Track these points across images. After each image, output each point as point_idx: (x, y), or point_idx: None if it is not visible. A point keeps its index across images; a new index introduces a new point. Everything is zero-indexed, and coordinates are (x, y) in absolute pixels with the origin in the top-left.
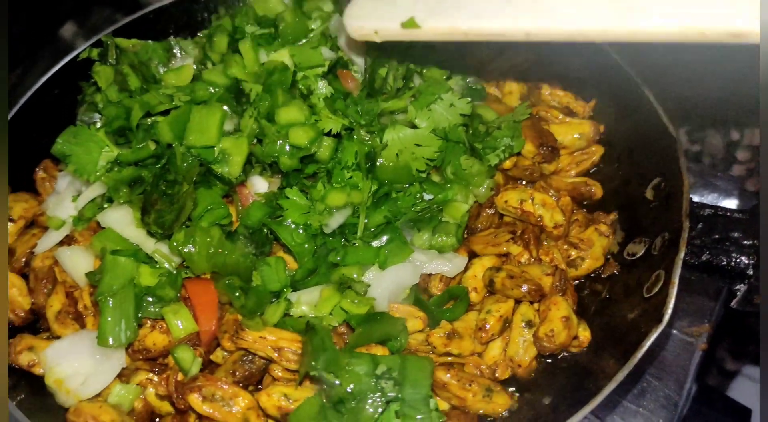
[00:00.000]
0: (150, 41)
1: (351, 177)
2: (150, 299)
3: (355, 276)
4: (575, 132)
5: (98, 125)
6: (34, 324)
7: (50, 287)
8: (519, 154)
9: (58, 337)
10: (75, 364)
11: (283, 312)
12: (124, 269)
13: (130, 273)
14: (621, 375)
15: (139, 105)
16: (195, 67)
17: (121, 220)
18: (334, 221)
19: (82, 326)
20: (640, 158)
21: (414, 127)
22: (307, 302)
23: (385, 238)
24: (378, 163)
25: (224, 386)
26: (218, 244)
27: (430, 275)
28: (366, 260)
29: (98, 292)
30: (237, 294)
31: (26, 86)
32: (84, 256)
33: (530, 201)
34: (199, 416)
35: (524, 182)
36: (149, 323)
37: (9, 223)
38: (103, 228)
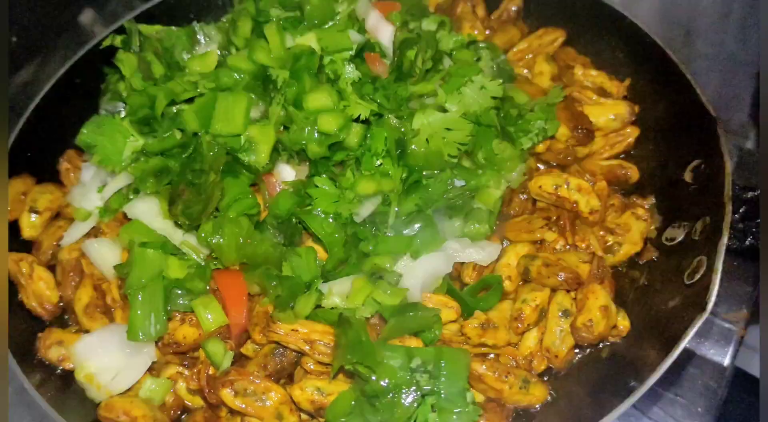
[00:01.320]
0: (173, 27)
1: (381, 164)
2: (179, 292)
3: (387, 266)
4: (610, 113)
5: (122, 114)
6: (63, 317)
7: (78, 280)
8: (552, 137)
9: (87, 331)
10: (105, 359)
11: (314, 304)
12: (153, 262)
13: (159, 266)
14: (665, 366)
15: (163, 93)
16: (219, 52)
17: (149, 211)
18: (365, 210)
19: (111, 319)
20: (678, 139)
21: (444, 110)
22: (338, 293)
23: (416, 227)
24: (408, 149)
25: (256, 380)
26: (247, 235)
27: (462, 264)
28: (398, 249)
29: (127, 286)
30: (274, 283)
31: (47, 74)
32: (111, 248)
33: (565, 186)
34: (231, 410)
35: (557, 166)
36: (179, 316)
37: (34, 215)
38: (130, 219)
